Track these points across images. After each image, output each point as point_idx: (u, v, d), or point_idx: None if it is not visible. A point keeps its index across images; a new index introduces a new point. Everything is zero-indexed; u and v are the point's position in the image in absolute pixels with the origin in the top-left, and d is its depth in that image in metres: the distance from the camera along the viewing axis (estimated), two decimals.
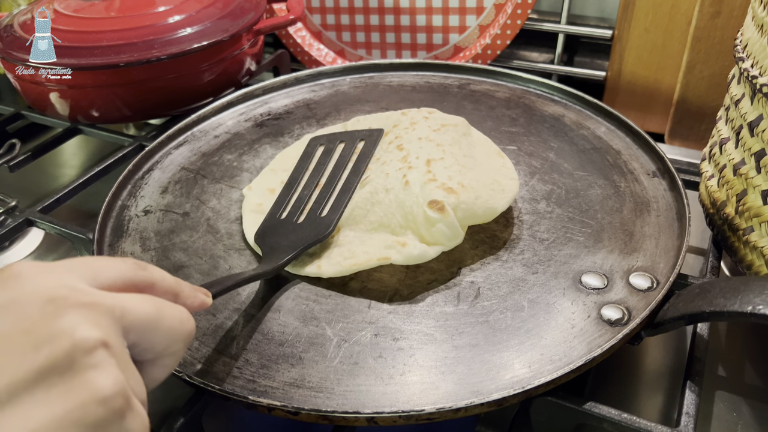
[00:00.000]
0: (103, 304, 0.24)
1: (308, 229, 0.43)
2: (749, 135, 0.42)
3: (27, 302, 0.23)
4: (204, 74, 0.64)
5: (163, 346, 0.27)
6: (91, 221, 0.48)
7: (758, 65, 0.41)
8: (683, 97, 0.67)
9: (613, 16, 0.76)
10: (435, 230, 0.40)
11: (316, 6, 0.83)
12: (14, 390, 0.20)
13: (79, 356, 0.22)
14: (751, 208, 0.42)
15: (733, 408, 0.42)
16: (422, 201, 0.41)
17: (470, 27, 0.77)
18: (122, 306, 0.25)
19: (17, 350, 0.21)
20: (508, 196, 0.44)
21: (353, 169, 0.47)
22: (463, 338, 0.37)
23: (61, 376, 0.21)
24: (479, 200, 0.42)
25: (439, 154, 0.45)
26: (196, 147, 0.57)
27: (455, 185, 0.42)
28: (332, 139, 0.51)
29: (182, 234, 0.47)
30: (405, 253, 0.40)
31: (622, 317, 0.37)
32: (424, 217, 0.40)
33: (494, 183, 0.44)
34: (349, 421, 0.33)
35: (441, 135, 0.47)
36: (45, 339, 0.22)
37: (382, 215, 0.42)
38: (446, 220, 0.40)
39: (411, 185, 0.42)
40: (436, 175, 0.42)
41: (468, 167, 0.45)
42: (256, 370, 0.36)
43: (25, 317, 0.22)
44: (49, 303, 0.23)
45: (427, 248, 0.40)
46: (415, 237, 0.41)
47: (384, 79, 0.66)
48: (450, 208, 0.40)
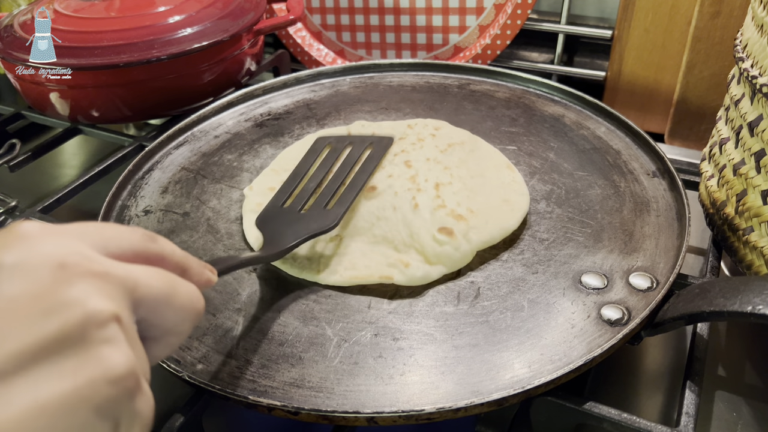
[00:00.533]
0: (115, 275, 0.22)
1: (312, 220, 0.42)
2: (749, 135, 0.42)
3: (36, 265, 0.21)
4: (204, 74, 0.64)
5: (173, 323, 0.25)
6: (91, 221, 0.48)
7: (758, 65, 0.41)
8: (683, 97, 0.67)
9: (613, 16, 0.76)
10: (441, 251, 0.41)
11: (316, 6, 0.83)
12: (21, 359, 0.19)
13: (91, 329, 0.20)
14: (751, 208, 0.42)
15: (733, 408, 0.42)
16: (431, 226, 0.41)
17: (470, 27, 0.77)
18: (135, 279, 0.23)
19: (26, 316, 0.20)
20: (518, 215, 0.45)
21: (361, 168, 0.47)
22: (463, 338, 0.37)
23: (72, 349, 0.20)
24: (489, 225, 0.43)
25: (447, 178, 0.46)
26: (196, 147, 0.57)
27: (464, 211, 0.43)
28: (340, 140, 0.51)
29: (182, 234, 0.47)
30: (408, 274, 0.40)
31: (622, 317, 0.37)
32: (433, 238, 0.41)
33: (504, 203, 0.45)
34: (349, 421, 0.33)
35: (448, 156, 0.48)
36: (56, 307, 0.20)
37: (387, 230, 0.43)
38: (454, 243, 0.41)
39: (420, 209, 0.43)
40: (445, 201, 0.43)
41: (476, 190, 0.46)
42: (256, 370, 0.36)
43: (35, 281, 0.21)
44: (60, 269, 0.21)
45: (429, 269, 0.41)
46: (419, 256, 0.41)
47: (384, 79, 0.66)
48: (460, 234, 0.41)
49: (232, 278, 0.42)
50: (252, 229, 0.45)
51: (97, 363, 0.20)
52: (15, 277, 0.21)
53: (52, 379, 0.19)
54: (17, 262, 0.21)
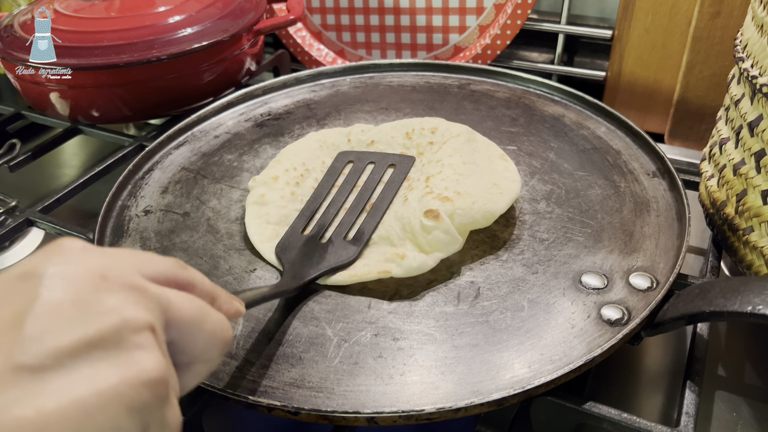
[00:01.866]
0: (151, 292, 0.24)
1: (332, 252, 0.42)
2: (749, 135, 0.42)
3: (79, 275, 0.22)
4: (204, 74, 0.64)
5: (201, 350, 0.26)
6: (91, 221, 0.48)
7: (758, 65, 0.41)
8: (683, 97, 0.67)
9: (613, 16, 0.76)
10: (432, 238, 0.40)
11: (316, 6, 0.83)
12: (60, 355, 0.20)
13: (127, 334, 0.21)
14: (751, 208, 0.42)
15: (733, 408, 0.42)
16: (418, 212, 0.41)
17: (470, 27, 0.77)
18: (168, 298, 0.24)
19: (66, 318, 0.21)
20: (506, 198, 0.44)
21: (382, 194, 0.46)
22: (463, 338, 0.37)
23: (108, 351, 0.21)
24: (476, 205, 0.42)
25: (437, 169, 0.45)
26: (197, 147, 0.57)
27: (451, 194, 0.42)
28: (362, 158, 0.50)
29: (182, 234, 0.47)
30: (405, 265, 0.40)
31: (621, 317, 0.37)
32: (421, 225, 0.41)
33: (493, 187, 0.44)
34: (349, 421, 0.33)
35: (441, 151, 0.48)
36: (95, 311, 0.21)
37: (383, 231, 0.43)
38: (442, 226, 0.40)
39: (409, 201, 0.43)
40: (432, 188, 0.43)
41: (466, 175, 0.45)
42: (256, 370, 0.36)
43: (77, 288, 0.22)
44: (101, 279, 0.23)
45: (426, 258, 0.40)
46: (414, 247, 0.41)
47: (384, 79, 0.66)
48: (445, 215, 0.40)
49: (232, 278, 0.42)
50: (253, 224, 0.45)
51: (132, 364, 0.21)
52: (57, 284, 0.22)
53: (88, 376, 0.20)
54: (61, 272, 0.22)
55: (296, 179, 0.48)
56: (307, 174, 0.49)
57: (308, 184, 0.49)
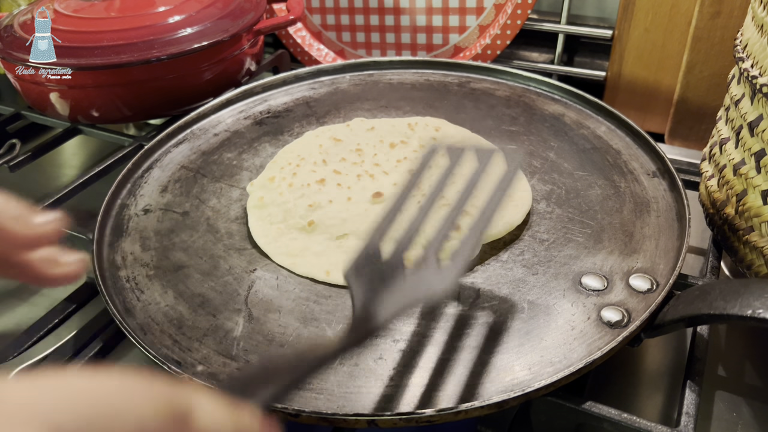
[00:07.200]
0: None
1: (421, 281, 0.31)
2: (749, 135, 0.42)
3: None
4: (204, 74, 0.64)
5: None
6: (91, 221, 0.48)
7: (758, 65, 0.41)
8: (683, 97, 0.67)
9: (613, 16, 0.75)
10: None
11: (316, 6, 0.83)
12: None
13: None
14: (751, 208, 0.42)
15: (733, 408, 0.42)
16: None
17: (470, 27, 0.77)
18: None
19: None
20: (522, 210, 0.45)
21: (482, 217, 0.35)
22: (463, 340, 0.37)
23: None
24: (494, 217, 0.42)
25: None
26: (196, 145, 0.57)
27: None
28: (454, 152, 0.39)
29: (182, 233, 0.47)
30: None
31: (621, 319, 0.37)
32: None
33: (506, 198, 0.44)
34: (349, 423, 0.33)
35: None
36: None
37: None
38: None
39: (423, 207, 0.42)
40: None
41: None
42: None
43: None
44: None
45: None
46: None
47: (384, 77, 0.66)
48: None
49: (232, 278, 0.42)
50: (257, 226, 0.45)
51: None
52: None
53: None
54: None
55: (292, 171, 0.48)
56: (303, 162, 0.49)
57: (306, 169, 0.49)
